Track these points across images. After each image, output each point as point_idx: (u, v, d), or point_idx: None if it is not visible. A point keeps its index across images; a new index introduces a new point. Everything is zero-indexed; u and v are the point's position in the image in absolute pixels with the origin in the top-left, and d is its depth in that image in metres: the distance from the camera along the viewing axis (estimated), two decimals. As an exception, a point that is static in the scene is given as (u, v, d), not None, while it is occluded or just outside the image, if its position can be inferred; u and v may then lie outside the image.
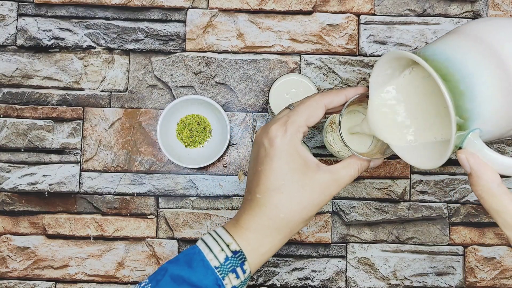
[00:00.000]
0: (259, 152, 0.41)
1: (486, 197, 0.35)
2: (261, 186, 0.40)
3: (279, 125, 0.40)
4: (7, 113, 0.65)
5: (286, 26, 0.66)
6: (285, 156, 0.39)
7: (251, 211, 0.41)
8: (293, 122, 0.40)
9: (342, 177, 0.41)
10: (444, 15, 0.67)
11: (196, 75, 0.66)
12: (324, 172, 0.40)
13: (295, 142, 0.40)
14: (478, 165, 0.34)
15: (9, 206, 0.65)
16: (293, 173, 0.39)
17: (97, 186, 0.65)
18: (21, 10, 0.66)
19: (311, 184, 0.39)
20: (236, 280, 0.39)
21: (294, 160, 0.39)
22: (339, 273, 0.65)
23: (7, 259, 0.64)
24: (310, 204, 0.39)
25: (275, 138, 0.39)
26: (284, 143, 0.39)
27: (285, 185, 0.39)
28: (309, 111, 0.40)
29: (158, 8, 0.66)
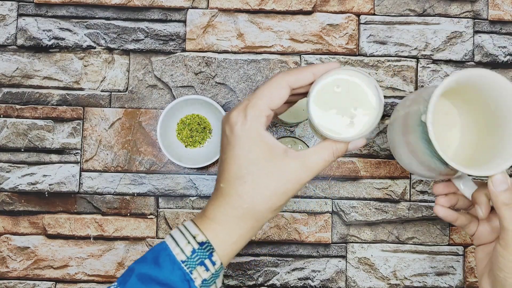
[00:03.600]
0: (222, 140, 0.39)
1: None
2: (224, 175, 0.38)
3: (239, 110, 0.37)
4: (7, 113, 0.65)
5: (286, 26, 0.66)
6: (247, 143, 0.37)
7: (216, 201, 0.39)
8: (254, 106, 0.37)
9: (313, 163, 0.38)
10: (444, 15, 0.67)
11: (196, 75, 0.66)
12: (292, 158, 0.37)
13: (258, 127, 0.37)
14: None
15: (9, 206, 0.65)
16: (257, 161, 0.37)
17: (97, 186, 0.65)
18: (21, 10, 0.66)
19: (277, 172, 0.37)
20: (206, 273, 0.37)
21: (257, 147, 0.37)
22: (339, 273, 0.65)
23: (7, 259, 0.64)
24: (277, 193, 0.37)
25: (235, 125, 0.37)
26: (245, 130, 0.37)
27: (248, 173, 0.37)
28: (270, 92, 0.37)
29: (158, 8, 0.66)
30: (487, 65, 0.66)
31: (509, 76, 0.67)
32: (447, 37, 0.67)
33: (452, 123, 0.50)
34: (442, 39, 0.67)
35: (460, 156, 0.49)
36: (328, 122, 0.38)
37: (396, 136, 0.50)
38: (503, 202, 0.41)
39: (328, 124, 0.38)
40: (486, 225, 0.48)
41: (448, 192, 0.49)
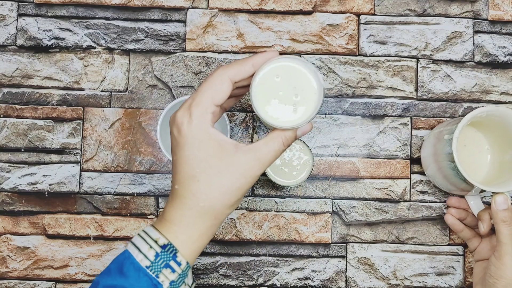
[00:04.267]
0: (171, 142, 0.39)
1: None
2: (177, 176, 0.38)
3: (184, 110, 0.37)
4: (7, 113, 0.65)
5: (286, 26, 0.66)
6: (195, 142, 0.37)
7: (172, 202, 0.39)
8: (198, 104, 0.37)
9: (265, 155, 0.38)
10: (444, 15, 0.67)
11: (196, 75, 0.66)
12: (244, 153, 0.37)
13: (204, 125, 0.37)
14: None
15: (9, 206, 0.65)
16: (208, 159, 0.37)
17: (97, 186, 0.65)
18: (21, 10, 0.66)
19: (229, 167, 0.37)
20: (172, 275, 0.37)
21: (206, 145, 0.37)
22: (339, 273, 0.65)
23: (7, 259, 0.64)
24: (231, 189, 0.37)
25: (181, 125, 0.37)
26: (191, 129, 0.37)
27: (200, 172, 0.37)
28: (212, 88, 0.37)
29: (158, 8, 0.66)
30: (487, 65, 0.66)
31: (509, 76, 0.67)
32: (447, 37, 0.67)
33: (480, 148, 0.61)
34: (442, 39, 0.67)
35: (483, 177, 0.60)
36: (273, 112, 0.39)
37: (428, 151, 0.60)
38: (501, 219, 0.50)
39: (273, 114, 0.39)
40: (487, 242, 0.56)
41: (459, 206, 0.59)
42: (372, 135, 0.66)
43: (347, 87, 0.66)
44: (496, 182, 0.57)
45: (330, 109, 0.66)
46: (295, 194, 0.65)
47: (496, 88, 0.67)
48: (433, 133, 0.60)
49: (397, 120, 0.66)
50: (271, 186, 0.65)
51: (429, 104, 0.66)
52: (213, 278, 0.64)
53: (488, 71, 0.67)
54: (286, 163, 0.58)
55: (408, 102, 0.66)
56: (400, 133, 0.66)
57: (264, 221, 0.65)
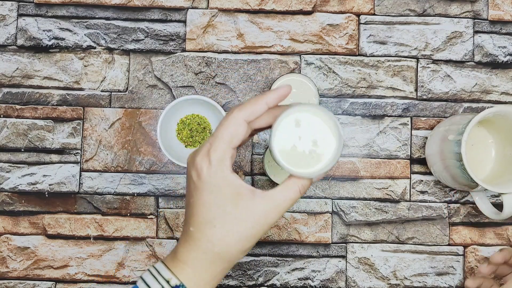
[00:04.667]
0: (189, 183, 0.39)
1: None
2: (193, 219, 0.39)
3: (203, 155, 0.38)
4: (7, 113, 0.65)
5: (286, 26, 0.66)
6: (214, 188, 0.37)
7: (186, 244, 0.39)
8: (216, 150, 0.37)
9: (280, 203, 0.38)
10: (444, 15, 0.67)
11: (196, 75, 0.66)
12: (260, 200, 0.38)
13: (223, 171, 0.37)
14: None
15: (9, 206, 0.65)
16: (225, 205, 0.37)
17: (97, 186, 0.65)
18: (21, 10, 0.66)
19: (245, 215, 0.37)
20: None
21: (224, 191, 0.37)
22: (339, 273, 0.65)
23: (7, 259, 0.64)
24: (247, 236, 0.38)
25: (201, 170, 0.37)
26: (211, 175, 0.37)
27: (216, 218, 0.37)
28: (229, 132, 0.38)
29: (158, 8, 0.66)
30: (487, 65, 0.66)
31: (509, 76, 0.67)
32: (447, 37, 0.67)
33: (485, 143, 0.61)
34: (442, 39, 0.67)
35: (488, 172, 0.60)
36: (291, 159, 0.39)
37: (433, 148, 0.60)
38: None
39: (291, 161, 0.39)
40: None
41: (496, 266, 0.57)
42: (372, 135, 0.66)
43: (347, 87, 0.66)
44: (501, 179, 0.57)
45: (330, 109, 0.66)
46: (295, 194, 0.65)
47: (496, 88, 0.67)
48: (437, 131, 0.61)
49: (397, 120, 0.66)
50: (271, 186, 0.65)
51: (429, 104, 0.66)
52: (213, 278, 0.64)
53: (488, 71, 0.67)
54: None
55: (408, 102, 0.66)
56: (400, 133, 0.66)
57: (264, 221, 0.65)
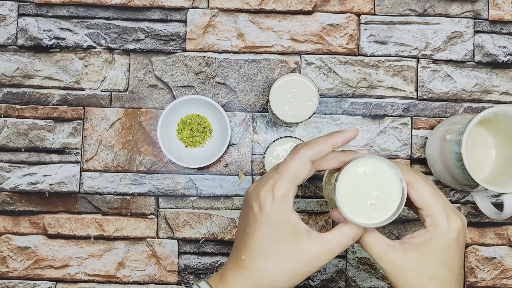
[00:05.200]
0: (248, 213, 0.40)
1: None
2: (247, 249, 0.40)
3: (267, 189, 0.39)
4: (7, 113, 0.65)
5: (286, 26, 0.66)
6: (273, 223, 0.38)
7: (236, 270, 0.40)
8: (281, 187, 0.38)
9: (333, 248, 0.39)
10: (445, 15, 0.67)
11: (197, 75, 0.66)
12: (314, 242, 0.39)
13: (285, 208, 0.38)
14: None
15: (9, 206, 0.65)
16: (281, 241, 0.38)
17: (98, 186, 0.65)
18: (22, 10, 0.66)
19: (299, 254, 0.38)
20: None
21: (282, 228, 0.38)
22: (340, 273, 0.65)
23: (8, 259, 0.64)
24: (296, 274, 0.39)
25: (264, 204, 0.38)
26: (273, 210, 0.38)
27: (271, 252, 0.38)
28: (294, 170, 0.39)
29: (159, 8, 0.66)
30: (488, 65, 0.66)
31: (510, 76, 0.67)
32: (447, 37, 0.67)
33: (485, 143, 0.61)
34: (443, 39, 0.67)
35: (489, 172, 0.60)
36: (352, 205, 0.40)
37: (434, 148, 0.60)
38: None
39: (352, 207, 0.39)
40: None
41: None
42: (372, 135, 0.66)
43: (348, 87, 0.66)
44: (502, 179, 0.57)
45: (330, 109, 0.66)
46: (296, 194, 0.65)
47: (496, 88, 0.67)
48: (437, 131, 0.61)
49: (398, 120, 0.66)
50: (271, 186, 0.65)
51: (430, 104, 0.66)
52: (213, 278, 0.64)
53: (488, 71, 0.67)
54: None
55: (408, 102, 0.66)
56: (400, 133, 0.66)
57: (265, 221, 0.65)
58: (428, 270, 0.39)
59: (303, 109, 0.58)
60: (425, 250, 0.39)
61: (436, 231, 0.39)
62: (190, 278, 0.64)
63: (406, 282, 0.39)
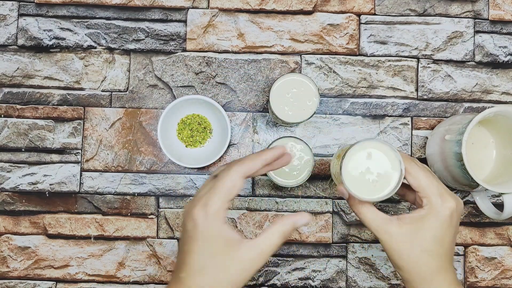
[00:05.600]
0: (184, 232, 0.42)
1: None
2: (185, 267, 0.41)
3: (200, 207, 0.41)
4: (8, 113, 0.65)
5: (286, 26, 0.66)
6: (208, 238, 0.40)
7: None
8: (214, 203, 0.41)
9: (266, 250, 0.41)
10: (445, 15, 0.67)
11: (197, 75, 0.66)
12: (246, 249, 0.41)
13: (218, 223, 0.41)
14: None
15: (9, 206, 0.65)
16: (216, 254, 0.40)
17: (98, 186, 0.65)
18: (22, 10, 0.66)
19: (234, 263, 0.40)
20: None
21: (216, 241, 0.40)
22: (340, 273, 0.65)
23: (8, 259, 0.64)
24: (235, 282, 0.40)
25: (197, 221, 0.40)
26: (207, 226, 0.40)
27: (209, 266, 0.40)
28: (227, 187, 0.41)
29: (159, 8, 0.66)
30: (488, 65, 0.66)
31: (510, 76, 0.67)
32: (447, 37, 0.67)
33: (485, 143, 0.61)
34: (443, 39, 0.67)
35: (489, 172, 0.60)
36: (356, 183, 0.45)
37: (434, 148, 0.60)
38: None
39: (355, 185, 0.45)
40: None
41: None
42: (372, 135, 0.66)
43: (348, 87, 0.66)
44: (502, 179, 0.57)
45: (330, 109, 0.66)
46: (296, 194, 0.65)
47: (496, 88, 0.67)
48: (438, 131, 0.61)
49: (398, 120, 0.66)
50: (271, 186, 0.65)
51: (430, 104, 0.66)
52: (213, 278, 0.64)
53: (488, 71, 0.67)
54: (286, 163, 0.57)
55: (408, 102, 0.66)
56: (400, 133, 0.66)
57: (265, 221, 0.65)
58: (420, 243, 0.43)
59: (303, 109, 0.58)
60: (419, 225, 0.43)
61: (431, 209, 0.43)
62: (190, 278, 0.64)
63: (399, 252, 0.44)
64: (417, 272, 0.44)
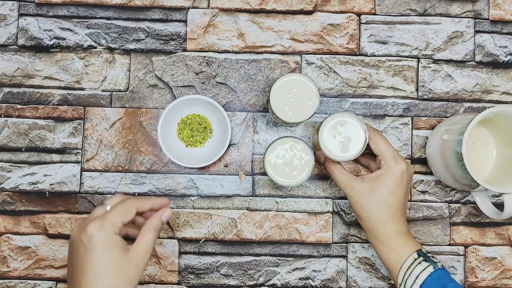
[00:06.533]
0: (78, 248, 0.47)
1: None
2: (85, 277, 0.45)
3: (95, 223, 0.47)
4: (8, 113, 0.65)
5: (287, 25, 0.66)
6: (103, 247, 0.46)
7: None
8: (109, 220, 0.47)
9: (146, 245, 0.48)
10: (445, 14, 0.67)
11: (197, 74, 0.66)
12: (133, 250, 0.48)
13: (111, 234, 0.47)
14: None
15: (10, 205, 0.65)
16: (112, 260, 0.46)
17: (98, 185, 0.65)
18: (22, 9, 0.66)
19: (129, 263, 0.47)
20: None
21: (111, 249, 0.46)
22: (340, 273, 0.65)
23: (8, 259, 0.64)
24: (130, 278, 0.47)
25: (92, 234, 0.46)
26: (101, 237, 0.46)
27: (107, 271, 0.46)
28: (123, 211, 0.48)
29: (159, 8, 0.66)
30: (488, 65, 0.66)
31: (510, 76, 0.67)
32: (448, 37, 0.67)
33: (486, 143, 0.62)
34: (443, 39, 0.67)
35: (489, 172, 0.61)
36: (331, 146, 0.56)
37: (434, 148, 0.60)
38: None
39: (331, 147, 0.56)
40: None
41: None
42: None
43: (348, 87, 0.66)
44: (502, 179, 0.57)
45: (330, 109, 0.66)
46: (296, 194, 0.65)
47: (497, 88, 0.66)
48: (438, 131, 0.61)
49: (398, 120, 0.66)
50: (271, 186, 0.65)
51: (430, 104, 0.66)
52: (213, 277, 0.64)
53: (489, 71, 0.67)
54: (287, 163, 0.58)
55: (409, 102, 0.66)
56: (401, 133, 0.66)
57: (265, 220, 0.65)
58: (378, 196, 0.54)
59: (303, 109, 0.58)
60: (377, 182, 0.54)
61: (386, 169, 0.55)
62: (191, 278, 0.64)
63: (361, 204, 0.55)
64: (373, 219, 0.55)
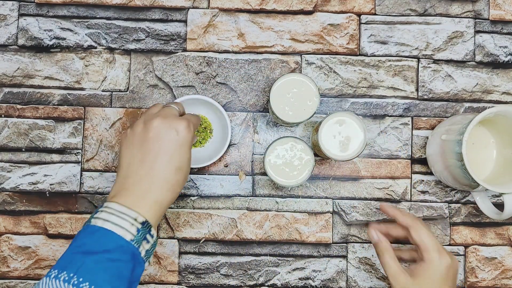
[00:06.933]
0: (166, 135, 0.50)
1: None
2: (165, 161, 0.49)
3: (184, 122, 0.50)
4: (8, 113, 0.65)
5: (287, 26, 0.66)
6: (189, 146, 0.51)
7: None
8: (194, 125, 0.52)
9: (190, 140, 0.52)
10: (445, 14, 0.67)
11: (197, 75, 0.66)
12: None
13: (193, 137, 0.52)
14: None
15: (10, 205, 0.65)
16: (189, 160, 0.51)
17: (98, 185, 0.65)
18: (22, 10, 0.66)
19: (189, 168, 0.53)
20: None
21: (190, 150, 0.52)
22: (340, 273, 0.65)
23: (8, 259, 0.64)
24: (183, 183, 0.52)
25: (182, 130, 0.50)
26: (189, 137, 0.51)
27: (185, 167, 0.51)
28: (197, 124, 0.54)
29: (159, 8, 0.66)
30: (488, 65, 0.66)
31: (510, 76, 0.67)
32: (448, 37, 0.67)
33: (486, 143, 0.62)
34: (443, 39, 0.67)
35: (489, 172, 0.61)
36: (330, 145, 0.57)
37: (434, 148, 0.60)
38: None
39: (330, 146, 0.57)
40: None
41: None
42: (373, 135, 0.66)
43: (348, 87, 0.66)
44: (502, 179, 0.57)
45: (331, 109, 0.66)
46: (296, 194, 0.65)
47: (497, 88, 0.66)
48: (438, 131, 0.60)
49: (398, 120, 0.66)
50: (272, 186, 0.65)
51: (430, 104, 0.66)
52: (213, 277, 0.64)
53: (489, 71, 0.67)
54: (287, 163, 0.58)
55: (409, 102, 0.66)
56: (401, 133, 0.66)
57: (265, 221, 0.65)
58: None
59: (303, 109, 0.58)
60: (423, 277, 0.53)
61: (431, 264, 0.53)
62: (191, 278, 0.64)
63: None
64: None
